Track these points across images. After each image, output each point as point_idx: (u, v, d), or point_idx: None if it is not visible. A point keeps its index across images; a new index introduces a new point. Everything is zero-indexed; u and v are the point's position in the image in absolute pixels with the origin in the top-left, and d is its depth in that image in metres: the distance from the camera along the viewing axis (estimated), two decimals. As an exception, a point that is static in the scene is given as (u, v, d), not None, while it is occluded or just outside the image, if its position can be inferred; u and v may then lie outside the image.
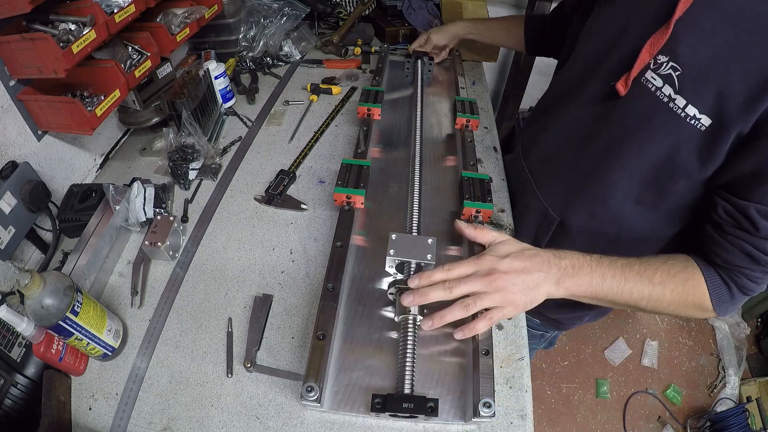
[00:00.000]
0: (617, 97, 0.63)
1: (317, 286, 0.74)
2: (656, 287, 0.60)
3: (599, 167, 0.69)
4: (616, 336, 2.03)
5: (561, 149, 0.78)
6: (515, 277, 0.59)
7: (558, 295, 0.62)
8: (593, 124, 0.70)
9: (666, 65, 0.57)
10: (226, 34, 1.26)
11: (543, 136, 0.83)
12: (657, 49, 0.58)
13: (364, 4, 1.47)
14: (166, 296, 0.74)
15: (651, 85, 0.59)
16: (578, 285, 0.61)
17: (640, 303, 0.62)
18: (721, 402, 1.81)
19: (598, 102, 0.69)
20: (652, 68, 0.59)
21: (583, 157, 0.73)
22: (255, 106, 1.17)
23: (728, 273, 0.60)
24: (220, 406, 0.62)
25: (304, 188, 0.94)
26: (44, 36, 0.68)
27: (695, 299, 0.61)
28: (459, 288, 0.60)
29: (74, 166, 0.93)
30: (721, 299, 0.61)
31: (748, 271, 0.59)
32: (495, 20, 1.21)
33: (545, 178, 0.82)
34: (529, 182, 0.85)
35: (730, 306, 0.62)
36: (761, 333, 2.04)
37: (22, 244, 0.80)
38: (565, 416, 1.79)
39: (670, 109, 0.57)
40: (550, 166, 0.81)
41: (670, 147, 0.60)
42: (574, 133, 0.75)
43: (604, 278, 0.61)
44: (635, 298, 0.61)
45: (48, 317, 0.54)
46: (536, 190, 0.83)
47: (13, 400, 0.59)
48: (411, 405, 0.55)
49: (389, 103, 1.13)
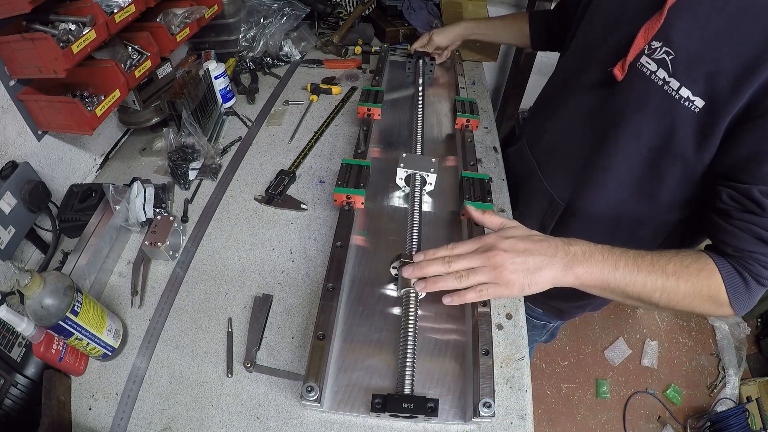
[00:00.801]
0: (615, 82, 0.66)
1: (317, 286, 0.74)
2: (670, 278, 0.58)
3: (599, 151, 0.71)
4: (616, 336, 2.03)
5: (565, 136, 0.81)
6: (515, 257, 0.59)
7: (567, 282, 0.60)
8: (593, 109, 0.73)
9: (660, 50, 0.60)
10: (226, 34, 1.26)
11: (548, 125, 0.85)
12: (651, 35, 0.61)
13: (364, 4, 1.47)
14: (166, 296, 0.74)
15: (646, 69, 0.62)
16: (589, 272, 0.59)
17: (654, 296, 0.59)
18: (721, 402, 1.81)
19: (597, 88, 0.71)
20: (646, 53, 0.62)
21: (584, 142, 0.75)
22: (255, 106, 1.17)
23: (741, 262, 0.59)
24: (220, 406, 0.62)
25: (304, 188, 0.94)
26: (44, 36, 0.68)
27: (710, 291, 0.59)
28: (458, 263, 0.60)
29: (74, 166, 0.93)
30: (736, 290, 0.59)
31: (760, 256, 0.58)
32: (497, 19, 1.21)
33: (550, 165, 0.84)
34: (536, 171, 0.87)
35: (746, 299, 0.59)
36: (761, 333, 2.04)
37: (22, 244, 0.80)
38: (565, 416, 1.79)
39: (665, 92, 0.60)
40: (555, 153, 0.83)
41: (666, 129, 0.62)
42: (576, 120, 0.77)
43: (616, 267, 0.59)
44: (648, 289, 0.59)
45: (48, 317, 0.54)
46: (542, 178, 0.85)
47: (13, 400, 0.59)
48: (411, 405, 0.55)
49: (389, 103, 1.13)
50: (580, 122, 0.76)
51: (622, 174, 0.70)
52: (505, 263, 0.59)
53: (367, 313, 0.69)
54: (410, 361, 0.59)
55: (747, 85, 0.53)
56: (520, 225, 0.66)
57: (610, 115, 0.69)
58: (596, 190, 0.74)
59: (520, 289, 0.59)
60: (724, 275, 0.59)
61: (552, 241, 0.61)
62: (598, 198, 0.75)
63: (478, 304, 0.64)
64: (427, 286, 0.62)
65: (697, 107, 0.58)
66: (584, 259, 0.59)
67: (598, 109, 0.72)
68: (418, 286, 0.62)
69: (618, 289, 0.60)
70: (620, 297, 0.62)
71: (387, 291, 0.73)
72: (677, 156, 0.63)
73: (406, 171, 0.84)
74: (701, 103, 0.57)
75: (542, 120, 0.88)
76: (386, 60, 1.25)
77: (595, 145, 0.72)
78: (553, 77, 0.90)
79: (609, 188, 0.73)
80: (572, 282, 0.60)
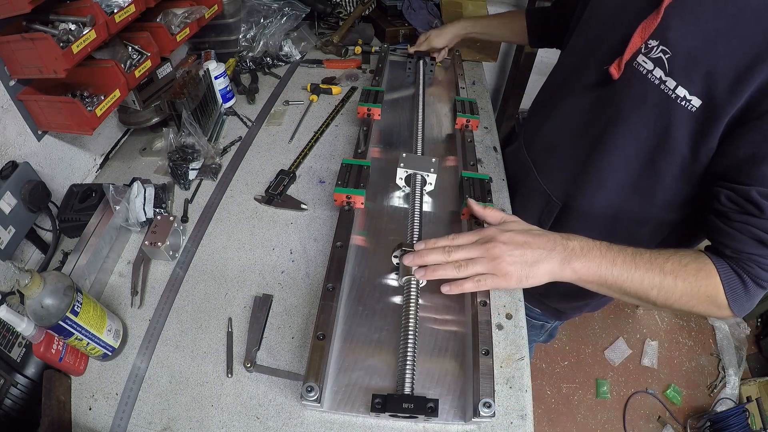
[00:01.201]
0: (611, 81, 0.66)
1: (317, 286, 0.74)
2: (667, 276, 0.58)
3: (597, 151, 0.71)
4: (616, 336, 2.03)
5: (561, 136, 0.81)
6: (513, 249, 0.60)
7: (565, 276, 0.60)
8: (591, 109, 0.73)
9: (656, 49, 0.60)
10: (226, 34, 1.26)
11: (545, 125, 0.86)
12: (648, 34, 0.61)
13: (364, 4, 1.47)
14: (166, 296, 0.74)
15: (642, 68, 0.62)
16: (586, 267, 0.60)
17: (651, 293, 0.59)
18: (721, 402, 1.81)
19: (594, 87, 0.72)
20: (643, 52, 0.62)
21: (582, 142, 0.75)
22: (255, 106, 1.17)
23: (740, 264, 0.59)
24: (220, 406, 0.62)
25: (304, 188, 0.94)
26: (44, 36, 0.68)
27: (708, 291, 0.59)
28: (458, 253, 0.62)
29: (74, 166, 0.93)
30: (735, 292, 0.58)
31: (759, 258, 0.58)
32: (495, 16, 1.22)
33: (547, 164, 0.85)
34: (532, 170, 0.87)
35: (745, 301, 0.59)
36: (761, 333, 2.04)
37: (22, 244, 0.80)
38: (565, 416, 1.79)
39: (662, 91, 0.60)
40: (552, 152, 0.84)
41: (662, 128, 0.62)
42: (573, 119, 0.77)
43: (614, 263, 0.59)
44: (645, 286, 0.59)
45: (48, 317, 0.54)
46: (538, 177, 0.86)
47: (13, 400, 0.59)
48: (411, 405, 0.55)
49: (389, 103, 1.13)
50: (577, 121, 0.76)
51: (619, 173, 0.70)
52: (504, 255, 0.59)
53: (367, 313, 0.69)
54: (410, 361, 0.59)
55: (745, 86, 0.53)
56: (520, 220, 0.67)
57: (606, 114, 0.69)
58: (593, 189, 0.75)
59: (517, 281, 0.60)
60: (723, 277, 0.59)
61: (551, 236, 0.62)
62: (595, 197, 0.75)
63: (477, 300, 0.65)
64: (426, 273, 0.63)
65: (694, 107, 0.58)
66: (582, 254, 0.60)
67: (595, 108, 0.72)
68: (417, 273, 0.64)
69: (615, 285, 0.60)
70: (618, 293, 0.62)
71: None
72: (674, 155, 0.63)
73: (406, 171, 0.84)
74: (698, 102, 0.57)
75: (539, 120, 0.89)
76: (386, 60, 1.25)
77: (592, 144, 0.72)
78: (551, 77, 0.90)
79: (606, 187, 0.73)
80: (569, 276, 0.61)
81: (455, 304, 0.70)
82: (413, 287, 0.65)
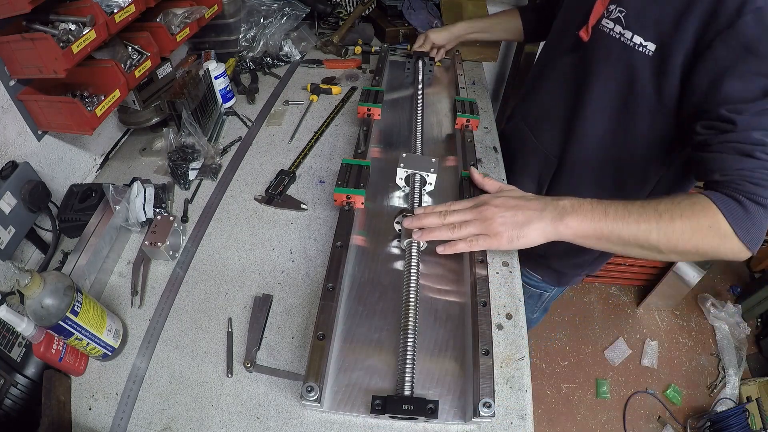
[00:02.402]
0: (583, 44, 0.79)
1: (317, 286, 0.74)
2: (663, 216, 0.59)
3: (578, 105, 0.82)
4: (616, 336, 2.03)
5: (550, 101, 0.92)
6: (504, 211, 0.66)
7: (560, 234, 0.64)
8: (570, 71, 0.85)
9: (615, 11, 0.72)
10: (226, 34, 1.26)
11: (536, 96, 0.98)
12: (608, 1, 0.74)
13: (364, 4, 1.47)
14: (166, 296, 0.74)
15: (606, 28, 0.74)
16: (580, 221, 0.63)
17: (651, 237, 0.60)
18: (721, 402, 1.81)
19: (570, 53, 0.84)
20: (605, 16, 0.74)
21: (566, 100, 0.86)
22: (255, 106, 1.17)
23: (731, 186, 0.59)
24: (220, 406, 0.62)
25: (304, 188, 0.94)
26: (44, 36, 0.68)
27: (707, 221, 0.58)
28: (452, 216, 0.69)
29: (74, 166, 0.93)
30: (734, 214, 0.58)
31: (747, 172, 0.58)
32: (491, 17, 1.27)
33: (541, 128, 0.96)
34: (529, 135, 0.98)
35: (749, 224, 0.58)
36: (761, 333, 2.04)
37: (22, 244, 0.80)
38: (565, 416, 1.79)
39: (622, 43, 0.71)
40: (544, 116, 0.95)
41: (628, 75, 0.72)
42: (557, 84, 0.89)
43: (606, 213, 0.62)
44: (643, 230, 0.60)
45: (48, 317, 0.54)
46: (535, 140, 0.96)
47: (13, 400, 0.59)
48: (411, 407, 0.55)
49: (389, 103, 1.13)
50: (560, 85, 0.88)
51: (598, 120, 0.80)
52: (495, 216, 0.66)
53: (367, 313, 0.69)
54: (410, 362, 0.59)
55: (687, 23, 0.62)
56: (516, 188, 0.74)
57: (582, 71, 0.80)
58: (580, 139, 0.84)
59: (508, 241, 0.65)
60: (718, 202, 0.59)
61: (543, 199, 0.67)
62: (583, 146, 0.85)
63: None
64: (423, 234, 0.70)
65: (651, 51, 0.68)
66: (573, 210, 0.64)
67: (573, 69, 0.84)
68: (415, 235, 0.70)
69: (613, 236, 0.62)
70: (618, 245, 0.64)
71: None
72: (642, 96, 0.72)
73: (406, 171, 0.84)
74: (653, 46, 0.68)
75: (531, 93, 1.00)
76: (386, 60, 1.25)
77: (574, 100, 0.82)
78: (539, 58, 1.02)
79: (591, 134, 0.82)
80: (565, 233, 0.64)
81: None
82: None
